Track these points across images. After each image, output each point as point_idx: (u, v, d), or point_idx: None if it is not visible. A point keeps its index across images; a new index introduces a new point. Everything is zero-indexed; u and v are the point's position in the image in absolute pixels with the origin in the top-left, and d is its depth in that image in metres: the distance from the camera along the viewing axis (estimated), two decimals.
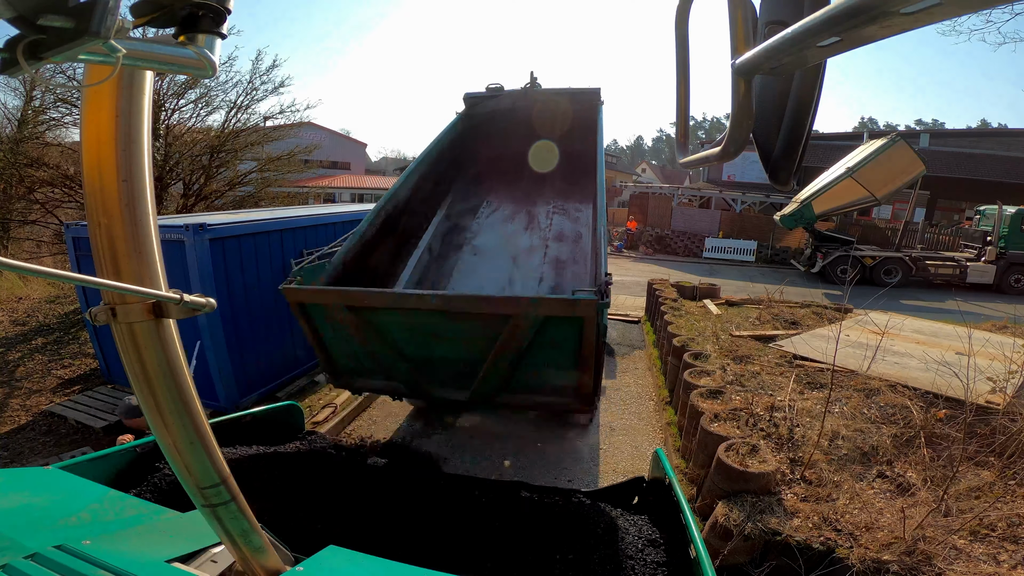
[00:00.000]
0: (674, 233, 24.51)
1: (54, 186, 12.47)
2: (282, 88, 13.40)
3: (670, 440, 5.93)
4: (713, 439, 4.64)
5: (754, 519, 3.75)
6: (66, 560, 1.21)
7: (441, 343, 4.41)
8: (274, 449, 2.63)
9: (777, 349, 6.55)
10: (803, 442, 4.82)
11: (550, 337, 4.09)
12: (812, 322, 8.10)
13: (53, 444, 6.08)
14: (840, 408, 5.20)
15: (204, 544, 1.41)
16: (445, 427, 6.25)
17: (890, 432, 4.90)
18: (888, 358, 6.16)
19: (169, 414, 1.00)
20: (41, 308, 10.70)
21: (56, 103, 13.28)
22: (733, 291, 13.52)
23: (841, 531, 3.61)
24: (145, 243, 0.91)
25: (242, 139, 12.86)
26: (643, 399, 7.23)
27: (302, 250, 7.04)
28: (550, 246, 7.36)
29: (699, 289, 10.41)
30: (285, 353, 6.93)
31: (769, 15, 0.78)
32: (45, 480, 1.73)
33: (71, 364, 8.35)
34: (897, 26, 0.46)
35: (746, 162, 28.65)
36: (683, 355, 6.25)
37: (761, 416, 5.12)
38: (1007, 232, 15.77)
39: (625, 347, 9.27)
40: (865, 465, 4.54)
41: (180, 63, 0.74)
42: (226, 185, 13.00)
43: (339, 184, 35.67)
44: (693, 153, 1.12)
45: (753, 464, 4.21)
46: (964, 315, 6.89)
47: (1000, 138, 27.46)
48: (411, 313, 4.22)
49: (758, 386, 5.72)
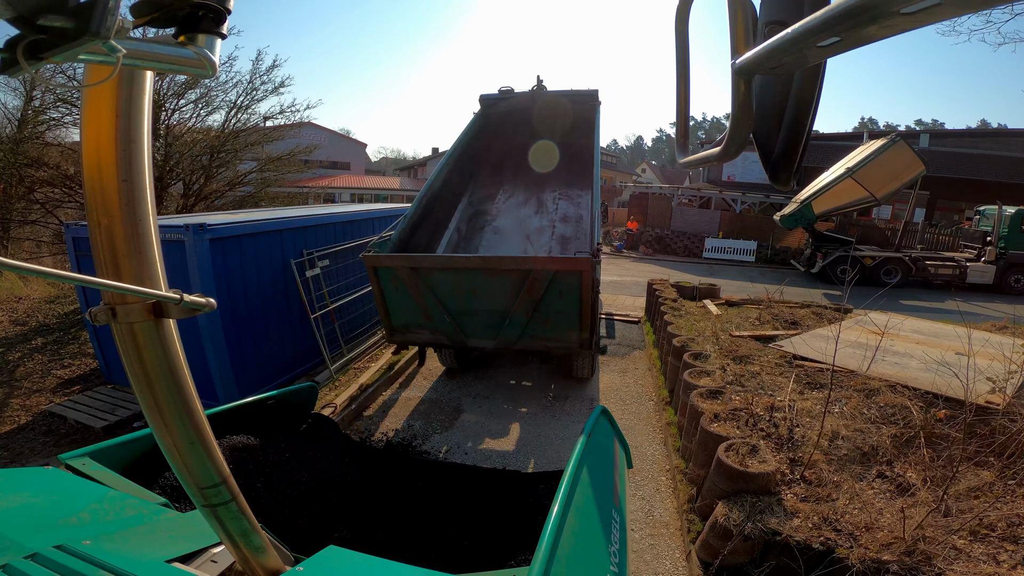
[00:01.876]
0: (674, 233, 24.50)
1: (54, 186, 12.46)
2: (282, 88, 13.40)
3: (670, 440, 5.92)
4: (713, 439, 4.64)
5: (754, 519, 3.76)
6: (66, 560, 1.21)
7: (477, 297, 5.63)
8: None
9: (777, 349, 6.55)
10: (803, 442, 4.81)
11: (558, 288, 5.38)
12: (812, 322, 8.09)
13: (53, 444, 6.08)
14: (840, 408, 5.20)
15: (204, 544, 1.41)
16: (444, 428, 6.25)
17: (890, 432, 4.89)
18: (888, 358, 6.16)
19: (169, 414, 1.00)
20: (41, 308, 10.71)
21: (56, 103, 13.26)
22: (733, 291, 13.52)
23: (841, 531, 3.60)
24: (145, 243, 0.92)
25: (242, 139, 12.83)
26: (643, 399, 7.22)
27: (302, 250, 7.04)
28: (556, 226, 8.53)
29: (699, 289, 10.41)
30: (285, 353, 6.94)
31: (769, 15, 0.79)
32: (45, 480, 1.73)
33: (71, 364, 8.35)
34: (897, 26, 0.46)
35: (746, 162, 28.67)
36: (683, 355, 6.25)
37: (761, 416, 5.12)
38: (1007, 232, 15.76)
39: (625, 347, 9.27)
40: (865, 465, 4.55)
41: (180, 63, 0.74)
42: (226, 185, 12.97)
43: (339, 184, 35.70)
44: (693, 153, 1.13)
45: (753, 464, 4.21)
46: (964, 315, 6.89)
47: (1000, 138, 27.44)
48: (458, 272, 5.53)
49: (758, 386, 5.72)
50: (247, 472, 2.21)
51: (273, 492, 2.23)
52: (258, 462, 2.29)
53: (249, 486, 2.10)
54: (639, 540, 4.56)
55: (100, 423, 6.18)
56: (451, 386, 7.44)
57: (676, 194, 26.97)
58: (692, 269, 20.00)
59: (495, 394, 7.21)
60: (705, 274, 18.54)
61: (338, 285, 7.84)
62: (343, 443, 2.88)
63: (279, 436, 2.59)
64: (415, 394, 7.17)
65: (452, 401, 6.95)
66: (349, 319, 8.10)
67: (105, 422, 6.18)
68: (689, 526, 4.55)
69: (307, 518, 2.25)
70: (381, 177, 46.11)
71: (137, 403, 5.43)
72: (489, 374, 7.87)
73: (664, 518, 4.95)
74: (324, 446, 2.77)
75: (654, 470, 5.73)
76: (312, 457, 2.60)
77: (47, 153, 12.93)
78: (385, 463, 3.00)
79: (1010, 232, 15.70)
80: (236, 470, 1.95)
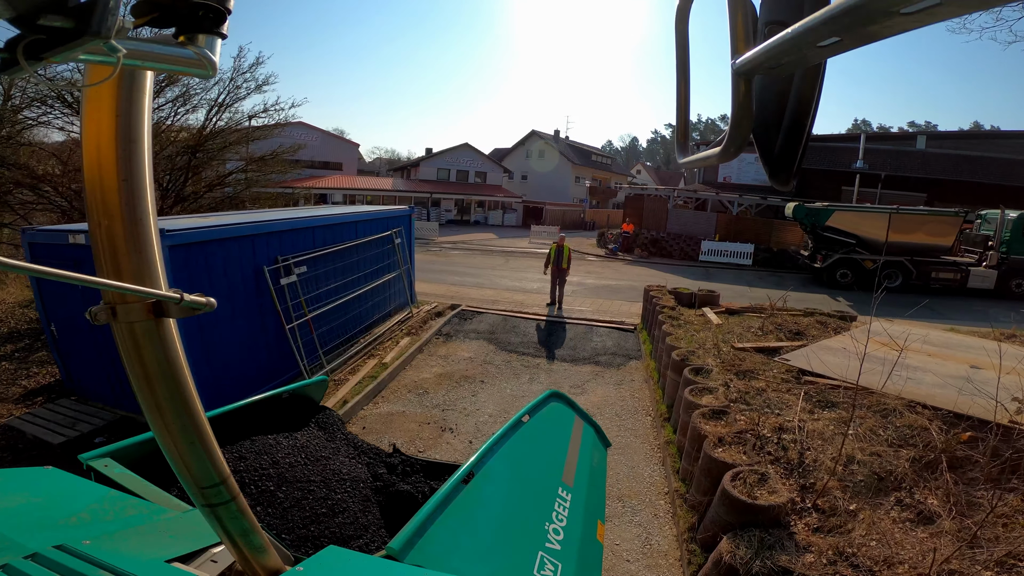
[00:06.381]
0: (670, 236, 24.12)
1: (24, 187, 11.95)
2: (265, 86, 12.88)
3: (669, 460, 5.56)
4: (718, 466, 4.33)
5: (763, 556, 3.49)
6: (66, 560, 1.21)
7: None
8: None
9: (783, 363, 6.15)
10: (815, 467, 4.52)
11: None
12: (817, 332, 7.71)
13: (11, 461, 5.65)
14: (854, 430, 4.83)
15: (204, 544, 1.41)
16: (428, 446, 5.85)
17: (908, 455, 4.57)
18: (900, 372, 5.80)
19: (169, 414, 1.00)
20: (15, 313, 10.23)
21: (32, 102, 12.75)
22: (731, 296, 13.18)
23: (859, 567, 3.35)
24: (145, 243, 0.92)
25: (221, 139, 12.32)
26: (639, 414, 6.84)
27: (277, 256, 6.58)
28: None
29: (698, 296, 10.01)
30: (258, 365, 6.48)
31: (769, 15, 0.78)
32: (45, 480, 1.74)
33: (36, 373, 7.88)
34: (897, 26, 0.46)
35: (742, 163, 28.41)
36: (683, 370, 5.86)
37: (768, 438, 4.78)
38: (1009, 237, 15.50)
39: (620, 357, 8.87)
40: (882, 492, 4.22)
41: (180, 63, 0.75)
42: (206, 187, 12.45)
43: (330, 185, 35.21)
44: (693, 154, 1.09)
45: (762, 495, 3.97)
46: (968, 321, 6.55)
47: (998, 140, 27.29)
48: None
49: (764, 404, 5.34)
50: (262, 469, 2.19)
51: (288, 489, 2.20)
52: (276, 461, 2.29)
53: (266, 488, 2.08)
54: (636, 572, 4.34)
55: (59, 439, 5.77)
56: (437, 400, 7.02)
57: (672, 196, 26.56)
58: (688, 273, 19.67)
59: (483, 409, 6.81)
60: (702, 278, 18.21)
61: (318, 292, 7.40)
62: (350, 440, 2.91)
63: (293, 431, 2.62)
64: (397, 408, 6.75)
65: (436, 418, 6.54)
66: (329, 328, 7.65)
67: (64, 437, 5.78)
68: (690, 557, 4.35)
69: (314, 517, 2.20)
70: (373, 178, 45.65)
71: (98, 417, 5.00)
72: (483, 387, 7.47)
73: (663, 547, 4.70)
74: (333, 443, 2.80)
75: (652, 493, 5.39)
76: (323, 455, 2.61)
77: (19, 153, 12.42)
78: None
79: (1012, 237, 15.43)
80: (254, 468, 2.09)
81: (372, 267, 9.03)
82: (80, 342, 6.22)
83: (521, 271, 18.30)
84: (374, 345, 8.62)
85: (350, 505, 2.16)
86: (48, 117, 12.89)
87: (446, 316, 10.80)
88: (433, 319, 10.50)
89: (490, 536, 1.84)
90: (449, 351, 8.94)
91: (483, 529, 1.84)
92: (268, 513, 1.94)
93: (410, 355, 8.41)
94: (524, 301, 12.82)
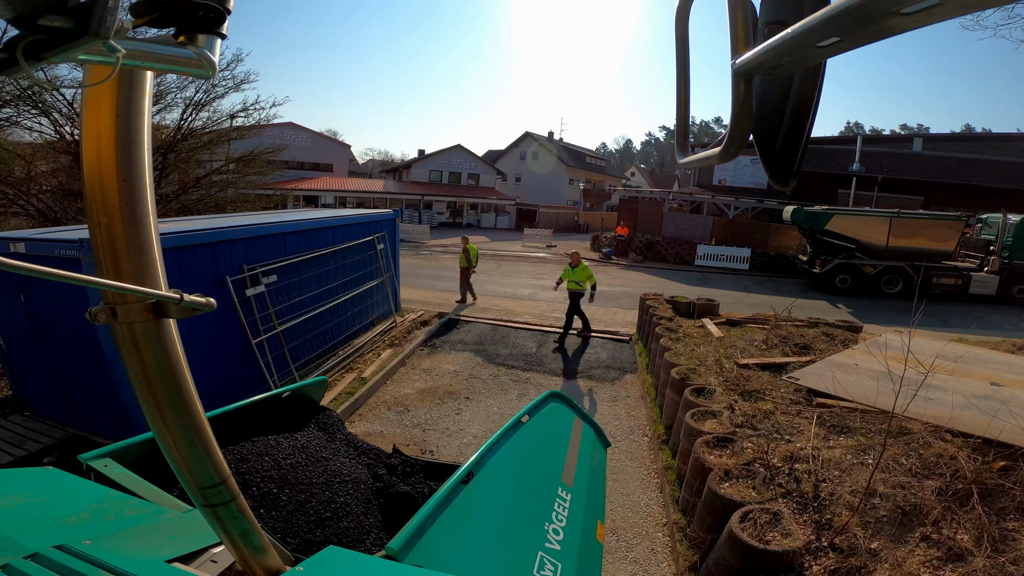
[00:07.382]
0: (665, 239, 23.69)
1: None
2: (245, 84, 12.33)
3: (667, 487, 5.09)
4: (724, 503, 3.91)
5: None
6: (66, 560, 1.21)
7: None
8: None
9: (792, 382, 5.67)
10: (832, 501, 4.11)
11: None
12: (824, 345, 7.24)
13: None
14: (874, 458, 4.38)
15: (204, 544, 1.41)
16: None
17: (934, 486, 4.15)
18: (919, 392, 5.35)
19: (169, 414, 0.99)
20: None
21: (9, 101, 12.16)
22: (729, 303, 12.73)
23: None
24: (145, 243, 0.90)
25: (196, 139, 11.73)
26: (635, 434, 6.36)
27: (242, 264, 6.05)
28: None
29: (697, 306, 9.53)
30: (225, 382, 5.94)
31: (769, 15, 0.76)
32: (45, 480, 1.75)
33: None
34: (897, 26, 0.46)
35: (737, 166, 28.12)
36: (684, 390, 5.37)
37: (779, 468, 4.34)
38: (1011, 242, 15.14)
39: (615, 370, 8.38)
40: (907, 528, 3.79)
41: (180, 63, 0.74)
42: (178, 189, 11.83)
43: (320, 186, 34.60)
44: (692, 154, 1.02)
45: (775, 539, 3.57)
46: (974, 329, 6.12)
47: (994, 143, 27.11)
48: None
49: (773, 429, 4.88)
50: (264, 471, 2.13)
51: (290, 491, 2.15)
52: (277, 462, 2.23)
53: (268, 490, 2.03)
54: None
55: (5, 458, 5.41)
56: (418, 418, 6.51)
57: (667, 199, 26.11)
58: (684, 278, 19.24)
59: (467, 429, 6.30)
60: (698, 283, 17.78)
61: (290, 303, 6.87)
62: (350, 441, 2.88)
63: (293, 431, 2.60)
64: (375, 428, 6.23)
65: (416, 438, 6.03)
66: (303, 341, 7.12)
67: (11, 456, 5.43)
68: None
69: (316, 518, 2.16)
70: (364, 179, 45.06)
71: (49, 436, 4.24)
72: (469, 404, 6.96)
73: None
74: (333, 443, 2.77)
75: (649, 524, 4.94)
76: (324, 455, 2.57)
77: None
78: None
79: (1015, 241, 15.07)
80: (256, 470, 2.05)
81: (351, 275, 8.49)
82: (27, 358, 5.73)
83: (512, 276, 17.82)
84: (353, 358, 8.10)
85: (353, 508, 2.12)
86: (18, 118, 12.32)
87: (432, 325, 10.29)
88: (418, 329, 9.98)
89: (490, 536, 1.84)
90: (434, 364, 8.43)
91: (483, 529, 1.84)
92: (272, 516, 1.89)
93: (392, 368, 7.90)
94: (514, 309, 12.33)
